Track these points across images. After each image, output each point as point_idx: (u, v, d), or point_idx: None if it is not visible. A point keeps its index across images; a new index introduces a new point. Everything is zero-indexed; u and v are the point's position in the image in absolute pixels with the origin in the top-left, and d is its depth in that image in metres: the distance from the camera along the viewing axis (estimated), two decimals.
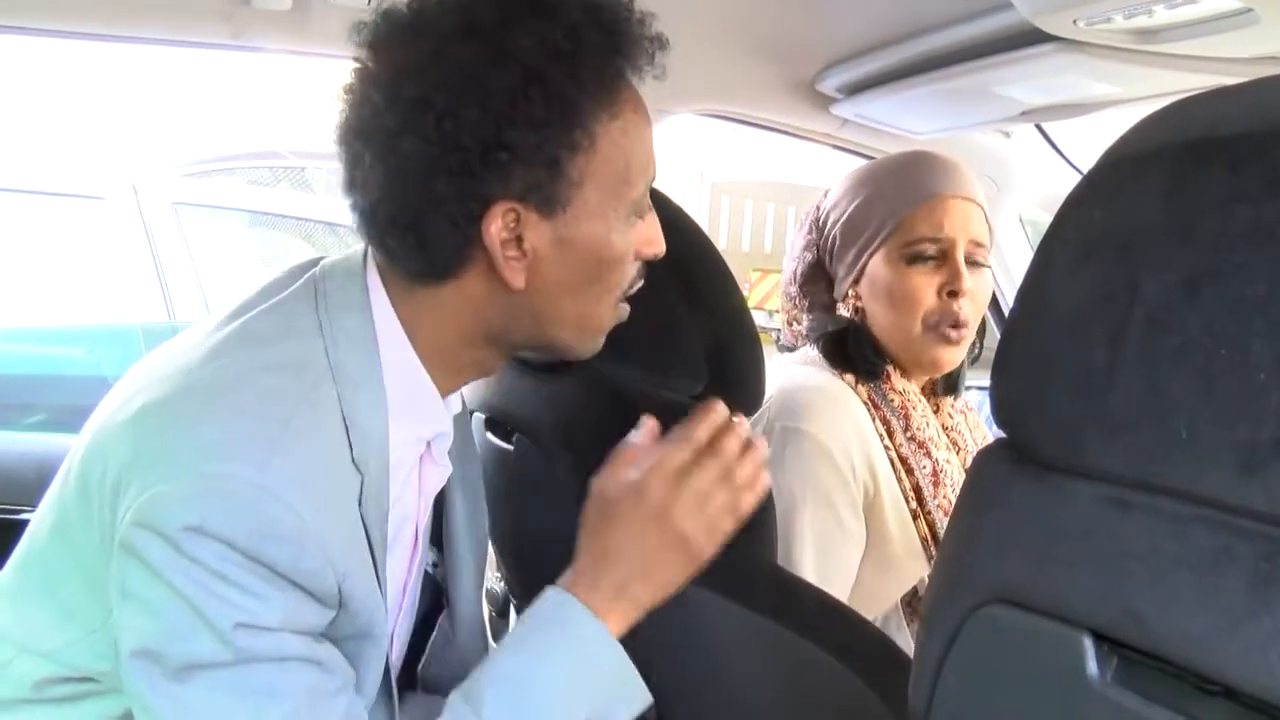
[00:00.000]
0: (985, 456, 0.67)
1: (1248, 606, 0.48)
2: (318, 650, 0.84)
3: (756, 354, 1.08)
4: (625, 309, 0.96)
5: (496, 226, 0.85)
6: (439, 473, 1.03)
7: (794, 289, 1.44)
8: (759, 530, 1.17)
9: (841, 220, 1.38)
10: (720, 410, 0.98)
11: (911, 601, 1.26)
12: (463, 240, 0.86)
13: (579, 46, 0.84)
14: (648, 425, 0.99)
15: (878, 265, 1.34)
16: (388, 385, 0.89)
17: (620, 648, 0.92)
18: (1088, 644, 0.56)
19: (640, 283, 0.96)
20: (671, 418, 1.06)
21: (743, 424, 0.99)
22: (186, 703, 0.78)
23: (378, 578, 0.89)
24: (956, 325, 1.32)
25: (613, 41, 0.87)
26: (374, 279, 0.92)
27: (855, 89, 1.64)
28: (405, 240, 0.87)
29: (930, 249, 1.32)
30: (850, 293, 1.38)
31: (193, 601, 0.77)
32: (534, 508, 1.18)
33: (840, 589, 1.28)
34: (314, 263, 0.96)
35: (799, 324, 1.43)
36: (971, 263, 1.33)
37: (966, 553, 0.66)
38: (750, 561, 1.14)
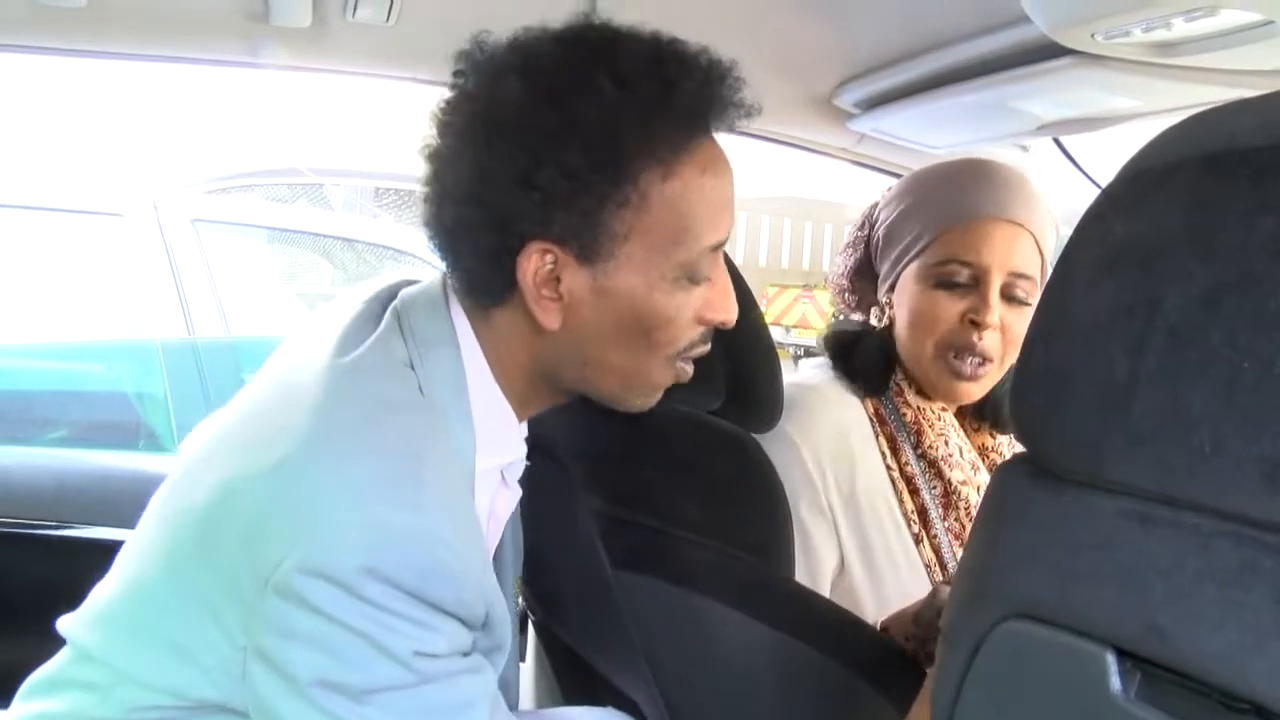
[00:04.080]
0: (1005, 471, 0.67)
1: (1274, 622, 0.48)
2: (475, 659, 0.85)
3: (774, 369, 1.08)
4: (686, 369, 0.93)
5: (532, 264, 0.85)
6: (510, 497, 1.03)
7: (845, 283, 1.38)
8: (776, 548, 1.17)
9: (886, 224, 1.32)
10: None
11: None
12: (495, 270, 0.87)
13: (630, 100, 0.82)
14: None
15: (908, 280, 1.27)
16: (474, 416, 0.89)
17: None
18: (1110, 660, 0.55)
19: (705, 348, 0.93)
20: (688, 432, 1.05)
21: None
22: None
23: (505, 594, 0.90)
24: (976, 358, 1.22)
25: (672, 97, 0.84)
26: (456, 308, 0.92)
27: (872, 104, 1.64)
28: (447, 259, 0.89)
29: (962, 274, 1.23)
30: (885, 299, 1.32)
31: (369, 636, 0.77)
32: (552, 523, 1.18)
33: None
34: (392, 293, 0.95)
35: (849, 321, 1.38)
36: (1009, 297, 1.23)
37: (987, 567, 0.65)
38: (768, 578, 1.13)
